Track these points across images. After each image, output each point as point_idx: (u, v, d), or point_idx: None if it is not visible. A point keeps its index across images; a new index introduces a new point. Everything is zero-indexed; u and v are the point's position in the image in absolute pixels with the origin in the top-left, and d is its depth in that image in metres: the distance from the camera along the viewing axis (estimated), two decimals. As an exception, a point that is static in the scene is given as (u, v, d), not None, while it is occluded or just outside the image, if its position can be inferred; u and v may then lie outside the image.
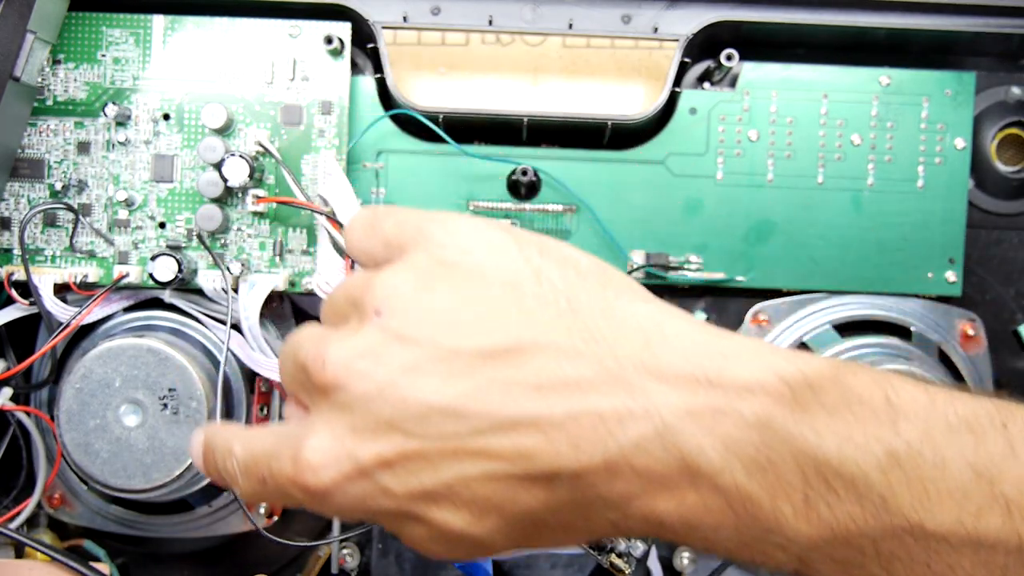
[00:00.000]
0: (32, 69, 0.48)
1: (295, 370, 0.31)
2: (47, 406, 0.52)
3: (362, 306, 0.30)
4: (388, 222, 0.32)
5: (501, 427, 0.27)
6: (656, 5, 0.52)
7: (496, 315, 0.28)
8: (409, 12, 0.52)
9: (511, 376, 0.27)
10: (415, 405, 0.27)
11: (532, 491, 0.27)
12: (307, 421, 0.30)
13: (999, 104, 0.54)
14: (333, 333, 0.30)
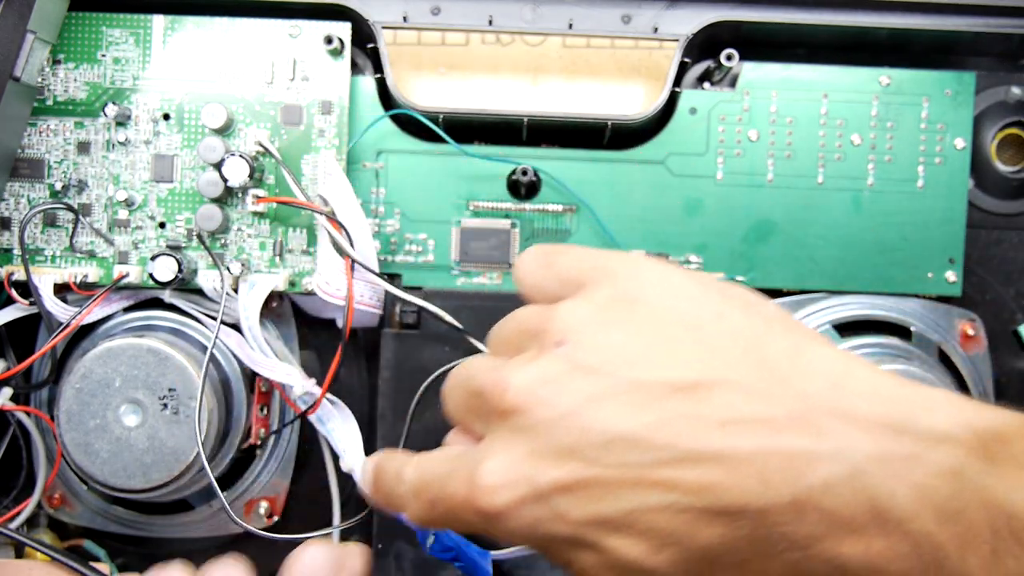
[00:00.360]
0: (32, 69, 0.48)
1: (468, 397, 0.32)
2: (47, 406, 0.52)
3: (542, 337, 0.30)
4: (564, 259, 0.33)
5: (686, 460, 0.27)
6: (656, 5, 0.52)
7: (680, 351, 0.28)
8: (409, 12, 0.52)
9: (697, 411, 0.27)
10: (598, 433, 0.28)
11: (713, 526, 0.27)
12: (483, 445, 0.31)
13: (999, 104, 0.54)
14: (511, 361, 0.31)
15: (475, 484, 0.29)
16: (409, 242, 0.53)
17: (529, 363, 0.30)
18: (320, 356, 0.54)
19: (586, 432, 0.28)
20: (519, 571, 0.51)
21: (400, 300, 0.50)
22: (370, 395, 0.53)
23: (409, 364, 0.50)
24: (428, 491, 0.32)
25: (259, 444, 0.52)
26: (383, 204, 0.53)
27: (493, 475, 0.29)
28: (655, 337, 0.29)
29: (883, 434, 0.26)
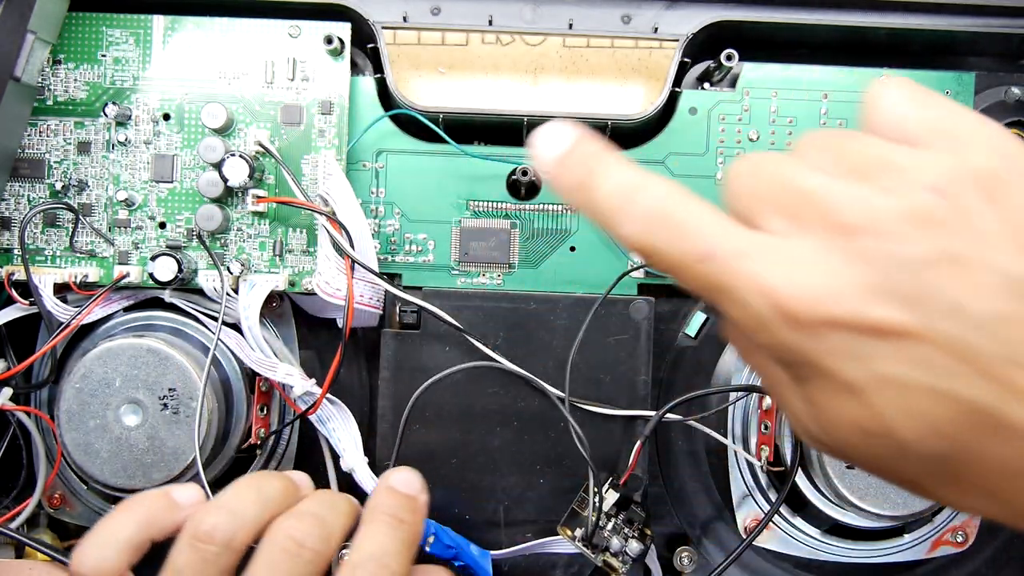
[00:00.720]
0: (32, 69, 0.48)
1: (783, 191, 0.27)
2: (47, 406, 0.52)
3: (905, 175, 0.26)
4: (943, 106, 0.28)
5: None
6: (656, 5, 0.52)
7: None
8: (409, 12, 0.52)
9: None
10: (965, 304, 0.24)
11: (1003, 444, 0.24)
12: (799, 242, 0.26)
13: (999, 104, 0.54)
14: (870, 183, 0.26)
15: (785, 276, 0.25)
16: (409, 242, 0.53)
17: (899, 196, 0.26)
18: (320, 356, 0.54)
19: (945, 295, 0.24)
20: (519, 571, 0.51)
21: (400, 300, 0.50)
22: (370, 395, 0.54)
23: (409, 364, 0.50)
24: (696, 236, 0.28)
25: (259, 444, 0.52)
26: (383, 204, 0.53)
27: (818, 278, 0.25)
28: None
29: None
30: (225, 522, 0.37)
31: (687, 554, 0.53)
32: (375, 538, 0.38)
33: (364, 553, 0.37)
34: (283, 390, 0.50)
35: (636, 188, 0.29)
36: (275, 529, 0.37)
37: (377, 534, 0.38)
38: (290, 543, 0.36)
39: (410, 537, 0.38)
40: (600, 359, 0.51)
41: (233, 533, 0.37)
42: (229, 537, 0.37)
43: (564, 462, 0.51)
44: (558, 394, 0.50)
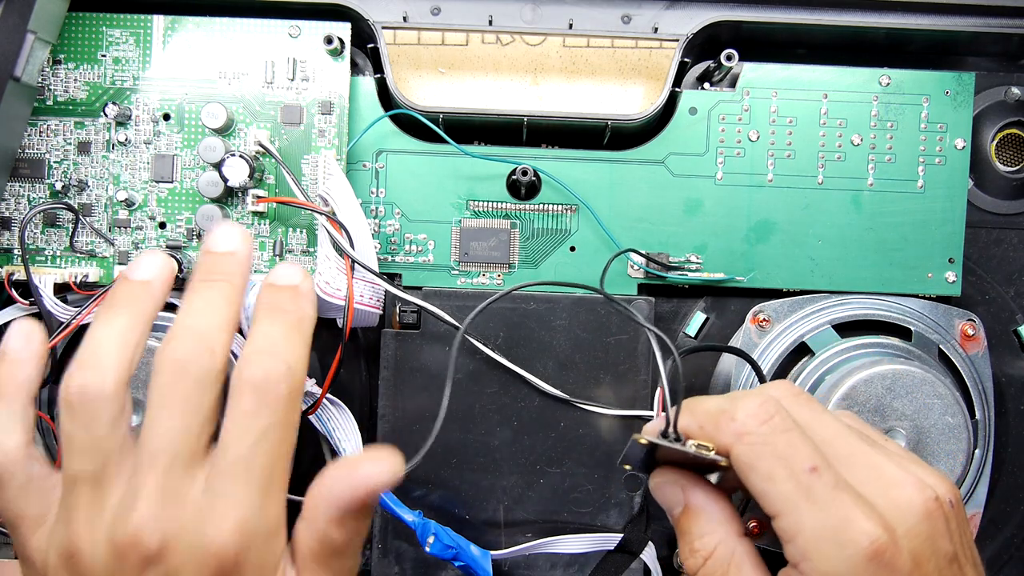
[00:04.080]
0: (32, 69, 0.48)
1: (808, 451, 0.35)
2: (47, 406, 0.52)
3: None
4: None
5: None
6: (656, 5, 0.52)
7: None
8: (409, 12, 0.52)
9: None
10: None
11: None
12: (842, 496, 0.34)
13: (998, 104, 0.54)
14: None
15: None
16: (409, 242, 0.53)
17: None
18: (320, 356, 0.54)
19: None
20: (519, 571, 0.51)
21: (400, 300, 0.50)
22: (370, 395, 0.54)
23: (409, 364, 0.50)
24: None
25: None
26: (383, 204, 0.53)
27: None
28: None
29: None
30: (92, 379, 0.35)
31: (687, 554, 0.53)
32: (259, 332, 0.37)
33: (249, 349, 0.36)
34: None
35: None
36: (158, 359, 0.36)
37: (260, 328, 0.37)
38: (175, 366, 0.35)
39: (295, 322, 0.38)
40: (600, 359, 0.51)
41: (102, 387, 0.35)
42: (101, 393, 0.35)
43: (564, 462, 0.51)
44: (558, 394, 0.50)
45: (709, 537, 0.38)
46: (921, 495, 0.34)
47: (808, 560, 0.33)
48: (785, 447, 0.34)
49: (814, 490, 0.34)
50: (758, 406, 0.35)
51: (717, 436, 0.36)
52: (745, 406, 0.35)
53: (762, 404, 0.35)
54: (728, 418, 0.36)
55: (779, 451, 0.34)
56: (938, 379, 0.49)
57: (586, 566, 0.51)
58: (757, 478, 0.35)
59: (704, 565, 0.37)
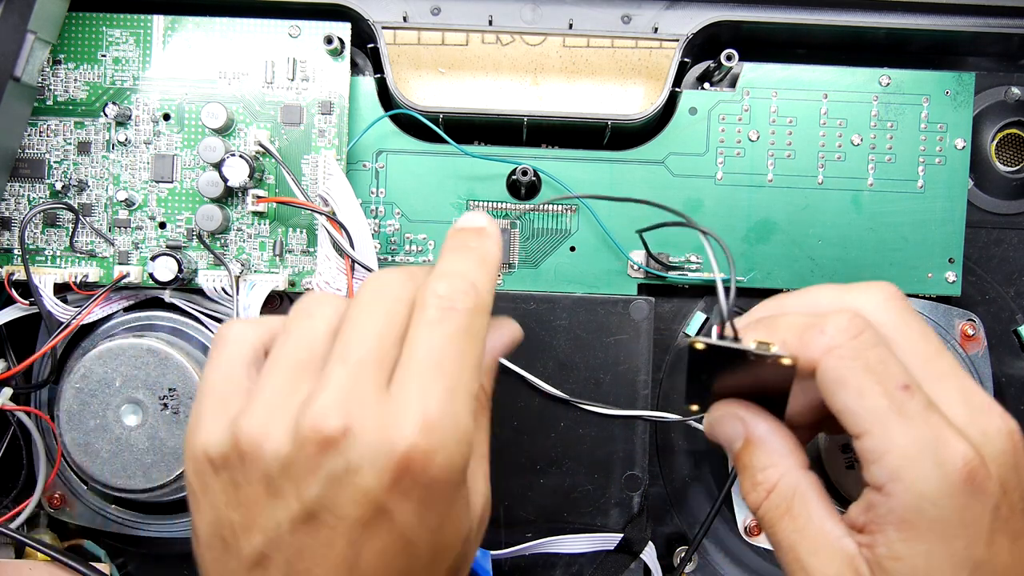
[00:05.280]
0: (32, 69, 0.48)
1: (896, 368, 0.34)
2: (47, 406, 0.52)
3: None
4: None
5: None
6: (656, 5, 0.52)
7: None
8: (409, 12, 0.52)
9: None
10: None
11: None
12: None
13: (999, 104, 0.54)
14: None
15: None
16: (409, 242, 0.53)
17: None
18: (320, 356, 0.54)
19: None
20: (519, 571, 0.51)
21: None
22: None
23: (409, 364, 0.50)
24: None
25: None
26: (383, 204, 0.53)
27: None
28: None
29: None
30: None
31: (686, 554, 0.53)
32: (443, 262, 0.36)
33: (433, 275, 0.35)
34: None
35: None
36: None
37: (445, 259, 0.37)
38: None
39: (480, 256, 0.37)
40: (600, 359, 0.51)
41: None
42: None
43: (564, 462, 0.51)
44: (558, 394, 0.50)
45: (772, 470, 0.36)
46: (1007, 425, 0.33)
47: (898, 480, 0.32)
48: (877, 363, 0.33)
49: (907, 407, 0.32)
50: (848, 320, 0.34)
51: (802, 350, 0.34)
52: (836, 320, 0.34)
53: (852, 318, 0.34)
54: (817, 331, 0.34)
55: (871, 366, 0.33)
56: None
57: (586, 566, 0.51)
58: (846, 394, 0.33)
59: (767, 499, 0.36)
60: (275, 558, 0.32)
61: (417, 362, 0.33)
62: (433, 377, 0.32)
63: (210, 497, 0.34)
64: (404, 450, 0.31)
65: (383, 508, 0.31)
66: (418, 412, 0.31)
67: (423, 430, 0.31)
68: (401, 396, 0.32)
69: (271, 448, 0.32)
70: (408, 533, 0.32)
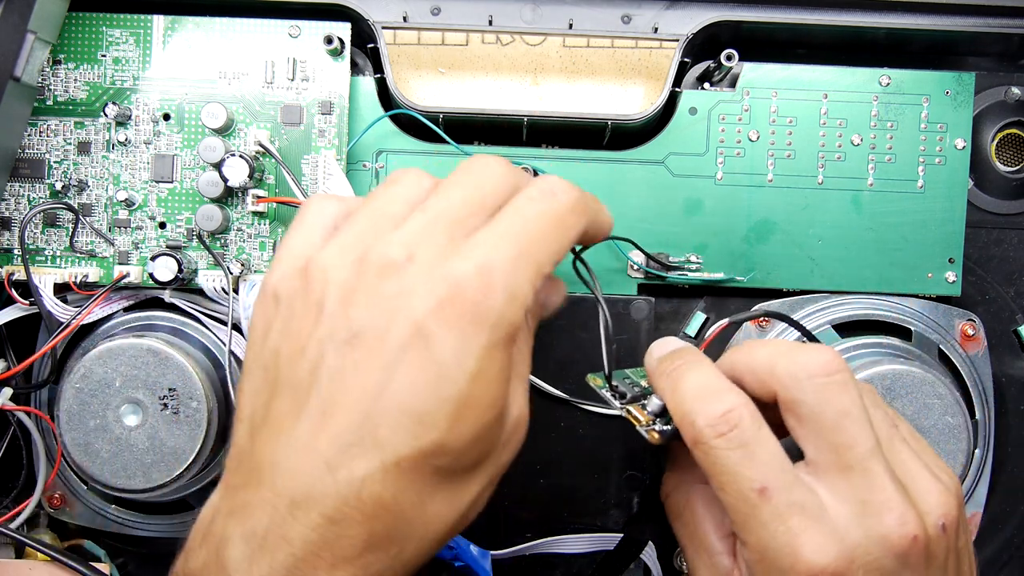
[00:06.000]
0: (32, 69, 0.48)
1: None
2: (47, 406, 0.52)
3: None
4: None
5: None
6: (656, 5, 0.52)
7: None
8: (409, 12, 0.52)
9: None
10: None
11: None
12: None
13: (999, 104, 0.54)
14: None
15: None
16: (409, 242, 0.53)
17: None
18: (320, 356, 0.54)
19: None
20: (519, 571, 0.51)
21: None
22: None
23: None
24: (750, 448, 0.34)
25: (259, 444, 0.52)
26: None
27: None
28: None
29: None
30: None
31: (687, 554, 0.53)
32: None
33: (550, 176, 0.36)
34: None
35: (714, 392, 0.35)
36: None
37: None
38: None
39: (599, 205, 0.38)
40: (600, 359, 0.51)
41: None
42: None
43: (564, 462, 0.51)
44: (558, 394, 0.50)
45: (669, 480, 0.41)
46: (899, 529, 0.33)
47: (754, 571, 0.34)
48: (736, 462, 0.34)
49: (759, 511, 0.33)
50: (721, 414, 0.35)
51: (679, 421, 0.36)
52: (711, 408, 0.35)
53: (726, 413, 0.35)
54: (690, 419, 0.35)
55: (728, 466, 0.34)
56: (938, 379, 0.49)
57: (586, 566, 0.51)
58: (713, 482, 0.35)
59: (666, 503, 0.41)
60: (314, 385, 0.32)
61: (499, 224, 0.33)
62: (510, 240, 0.32)
63: (264, 329, 0.34)
64: (457, 279, 0.31)
65: (424, 331, 0.30)
66: (481, 256, 0.31)
67: (480, 271, 0.31)
68: (470, 245, 0.32)
69: (334, 275, 0.32)
70: (441, 367, 0.30)
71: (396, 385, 0.30)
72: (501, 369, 0.32)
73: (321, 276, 0.33)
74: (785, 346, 0.36)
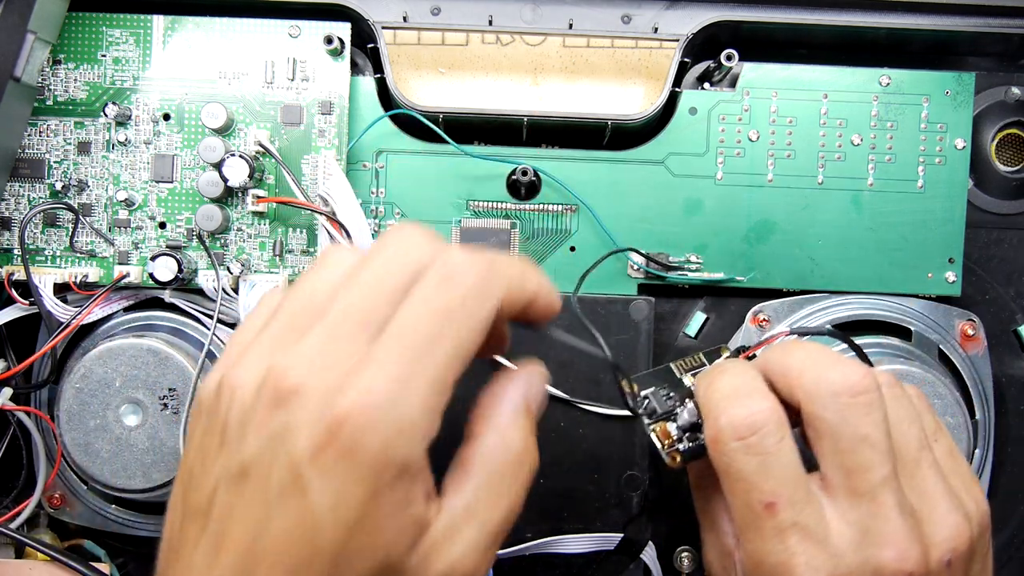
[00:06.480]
0: (32, 69, 0.48)
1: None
2: (47, 406, 0.52)
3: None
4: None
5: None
6: (656, 5, 0.52)
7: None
8: (409, 12, 0.52)
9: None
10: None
11: None
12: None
13: (999, 104, 0.54)
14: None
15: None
16: (409, 242, 0.53)
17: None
18: (320, 356, 0.54)
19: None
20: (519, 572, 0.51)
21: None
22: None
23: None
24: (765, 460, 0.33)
25: (259, 444, 0.52)
26: (383, 204, 0.53)
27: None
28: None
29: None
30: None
31: (687, 554, 0.53)
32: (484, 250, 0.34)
33: (467, 248, 0.33)
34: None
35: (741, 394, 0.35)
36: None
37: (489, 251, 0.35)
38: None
39: (525, 266, 0.36)
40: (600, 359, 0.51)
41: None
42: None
43: (564, 462, 0.51)
44: (558, 394, 0.50)
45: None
46: (896, 564, 0.33)
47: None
48: (752, 471, 0.34)
49: (762, 525, 0.33)
50: (741, 419, 0.34)
51: (706, 423, 0.36)
52: (734, 412, 0.34)
53: (748, 416, 0.34)
54: (712, 417, 0.35)
55: (744, 474, 0.34)
56: (938, 379, 0.49)
57: (586, 566, 0.51)
58: (724, 488, 0.35)
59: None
60: (210, 514, 0.30)
61: (391, 329, 0.30)
62: (396, 356, 0.30)
63: (189, 440, 0.33)
64: (337, 417, 0.28)
65: (300, 479, 0.28)
66: (365, 384, 0.29)
67: (362, 406, 0.28)
68: (360, 366, 0.29)
69: (238, 396, 0.31)
70: (316, 517, 0.28)
71: (273, 531, 0.29)
72: (393, 511, 0.29)
73: (228, 395, 0.31)
74: (819, 355, 0.35)
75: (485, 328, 0.32)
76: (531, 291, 0.35)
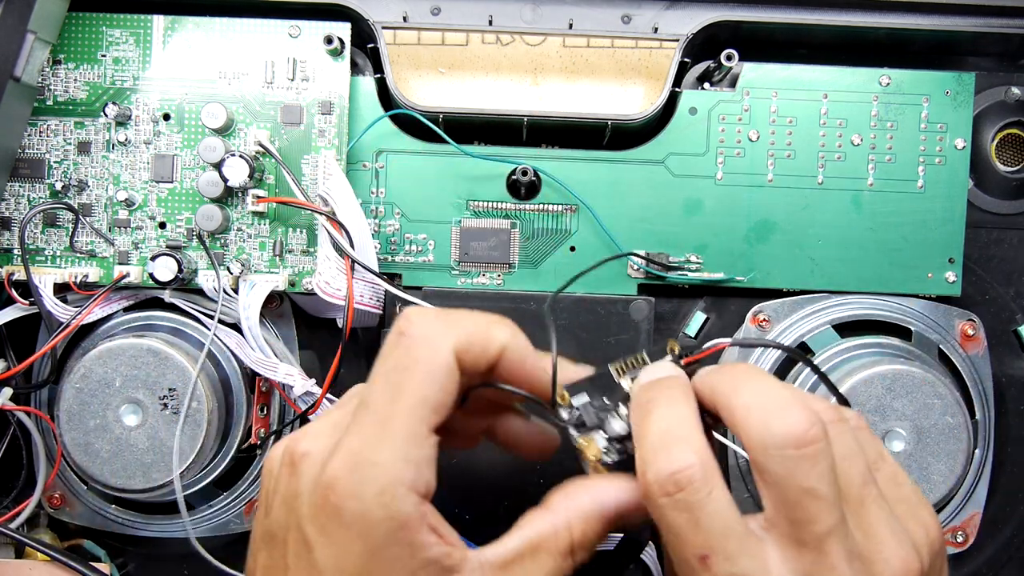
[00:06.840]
0: (32, 69, 0.48)
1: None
2: (47, 406, 0.52)
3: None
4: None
5: None
6: (656, 5, 0.52)
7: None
8: (409, 12, 0.52)
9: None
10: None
11: None
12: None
13: (999, 104, 0.54)
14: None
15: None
16: (409, 242, 0.53)
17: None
18: (320, 356, 0.54)
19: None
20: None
21: (400, 300, 0.50)
22: (370, 395, 0.53)
23: (409, 364, 0.50)
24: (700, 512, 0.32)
25: (259, 444, 0.52)
26: (383, 204, 0.53)
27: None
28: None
29: None
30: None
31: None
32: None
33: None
34: (283, 390, 0.50)
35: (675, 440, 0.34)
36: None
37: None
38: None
39: (489, 320, 0.36)
40: (600, 359, 0.51)
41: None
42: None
43: (564, 462, 0.51)
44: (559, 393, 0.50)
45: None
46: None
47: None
48: (684, 524, 0.33)
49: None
50: (674, 471, 0.33)
51: (641, 475, 0.34)
52: (669, 460, 0.33)
53: (682, 471, 0.33)
54: (643, 468, 0.34)
55: (677, 526, 0.33)
56: (938, 379, 0.49)
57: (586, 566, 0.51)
58: (664, 537, 0.34)
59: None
60: (254, 574, 0.34)
61: (364, 394, 0.33)
62: (368, 413, 0.32)
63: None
64: (328, 481, 0.31)
65: (308, 540, 0.31)
66: (345, 445, 0.32)
67: (345, 466, 0.31)
68: (347, 430, 0.32)
69: (274, 469, 0.35)
70: (322, 572, 0.31)
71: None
72: (397, 564, 0.31)
73: (270, 468, 0.35)
74: (765, 399, 0.34)
75: (445, 375, 0.33)
76: (498, 342, 0.36)
